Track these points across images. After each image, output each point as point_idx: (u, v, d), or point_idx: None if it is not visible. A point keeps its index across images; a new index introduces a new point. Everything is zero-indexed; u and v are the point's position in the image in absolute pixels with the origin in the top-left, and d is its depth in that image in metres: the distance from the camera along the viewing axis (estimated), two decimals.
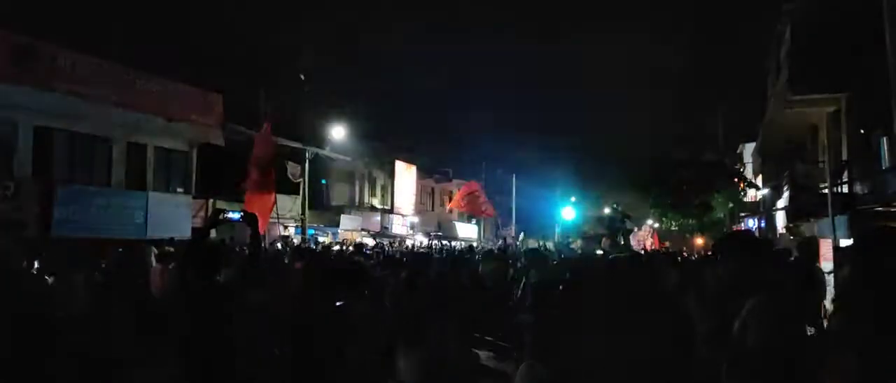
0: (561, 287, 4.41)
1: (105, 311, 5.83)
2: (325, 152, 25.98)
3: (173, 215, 19.48)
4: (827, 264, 11.65)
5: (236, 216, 5.40)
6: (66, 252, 9.99)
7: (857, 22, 15.68)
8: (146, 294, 8.57)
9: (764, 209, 28.05)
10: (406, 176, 35.58)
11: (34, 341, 4.38)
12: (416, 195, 36.85)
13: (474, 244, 29.35)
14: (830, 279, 10.66)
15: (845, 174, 16.45)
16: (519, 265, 8.26)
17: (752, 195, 31.87)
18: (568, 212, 32.27)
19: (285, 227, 26.05)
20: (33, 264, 8.80)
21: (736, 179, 31.26)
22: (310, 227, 24.75)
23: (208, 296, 4.55)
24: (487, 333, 4.73)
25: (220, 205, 22.68)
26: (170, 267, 9.20)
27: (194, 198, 20.84)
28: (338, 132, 26.40)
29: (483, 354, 4.41)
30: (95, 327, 5.09)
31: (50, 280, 6.77)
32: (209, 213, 19.81)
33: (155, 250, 11.52)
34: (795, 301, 3.02)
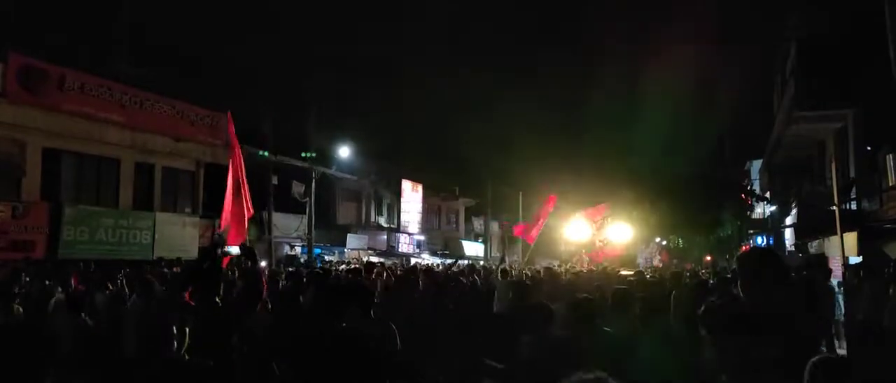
0: None
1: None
2: (332, 171, 26.05)
3: (180, 236, 19.53)
4: (835, 280, 11.61)
5: (235, 250, 5.43)
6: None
7: (862, 39, 15.70)
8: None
9: (772, 226, 27.93)
10: (412, 194, 35.59)
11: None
12: (423, 213, 36.83)
13: (481, 262, 29.22)
14: (840, 297, 10.61)
15: (853, 191, 16.38)
16: None
17: (760, 212, 31.75)
18: (574, 230, 32.07)
19: (292, 247, 26.07)
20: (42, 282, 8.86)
21: (744, 195, 31.14)
22: (316, 246, 24.75)
23: (208, 316, 4.56)
24: None
25: None
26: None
27: (201, 218, 20.88)
28: (344, 151, 26.50)
29: None
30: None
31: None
32: (213, 234, 19.82)
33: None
34: (800, 321, 2.98)
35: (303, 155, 23.81)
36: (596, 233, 22.04)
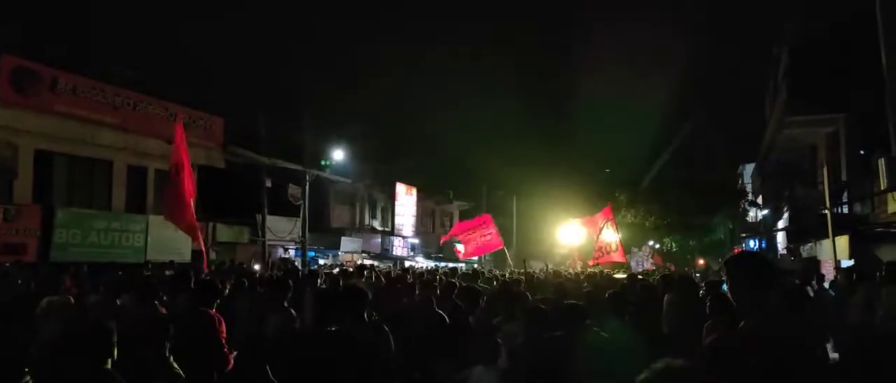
0: None
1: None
2: (326, 174, 26.00)
3: (173, 239, 19.42)
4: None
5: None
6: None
7: (853, 44, 15.79)
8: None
9: (764, 229, 28.03)
10: (407, 198, 35.59)
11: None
12: (417, 217, 36.83)
13: (476, 267, 29.17)
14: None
15: (845, 195, 16.47)
16: None
17: (752, 215, 31.89)
18: (568, 234, 32.11)
19: (285, 250, 26.02)
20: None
21: (737, 199, 31.29)
22: (310, 249, 24.70)
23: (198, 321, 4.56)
24: None
25: (221, 227, 22.68)
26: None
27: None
28: (338, 154, 26.48)
29: None
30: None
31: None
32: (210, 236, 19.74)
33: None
34: (787, 324, 2.98)
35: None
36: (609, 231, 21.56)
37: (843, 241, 12.77)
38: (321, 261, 25.58)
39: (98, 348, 3.31)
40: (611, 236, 19.94)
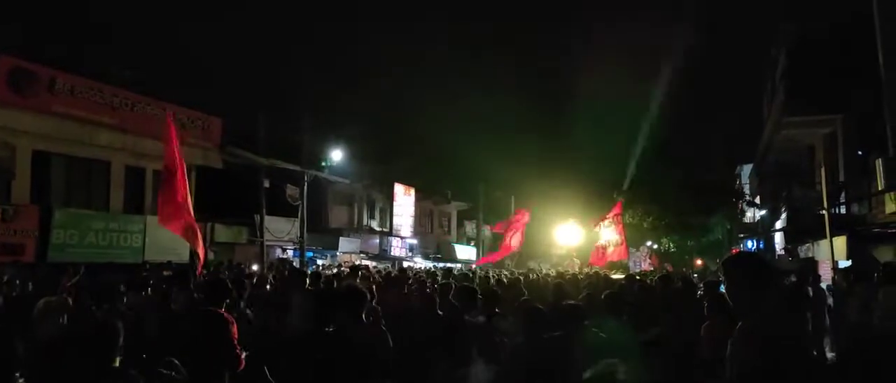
0: None
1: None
2: (324, 175, 25.96)
3: (171, 239, 19.38)
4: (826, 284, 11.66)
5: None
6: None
7: (851, 45, 15.81)
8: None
9: (762, 230, 28.06)
10: (405, 198, 35.57)
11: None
12: (415, 217, 36.80)
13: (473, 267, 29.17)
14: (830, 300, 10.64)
15: (842, 195, 16.49)
16: None
17: (750, 216, 31.90)
18: (565, 234, 32.13)
19: (284, 250, 25.98)
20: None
21: (735, 199, 31.29)
22: (308, 250, 24.66)
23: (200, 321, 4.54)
24: None
25: (219, 228, 22.65)
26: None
27: None
28: (336, 154, 26.44)
29: None
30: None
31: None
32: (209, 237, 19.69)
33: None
34: (784, 324, 2.98)
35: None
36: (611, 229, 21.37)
37: (840, 242, 12.79)
38: (319, 262, 25.55)
39: (104, 347, 3.31)
40: (612, 235, 19.86)
